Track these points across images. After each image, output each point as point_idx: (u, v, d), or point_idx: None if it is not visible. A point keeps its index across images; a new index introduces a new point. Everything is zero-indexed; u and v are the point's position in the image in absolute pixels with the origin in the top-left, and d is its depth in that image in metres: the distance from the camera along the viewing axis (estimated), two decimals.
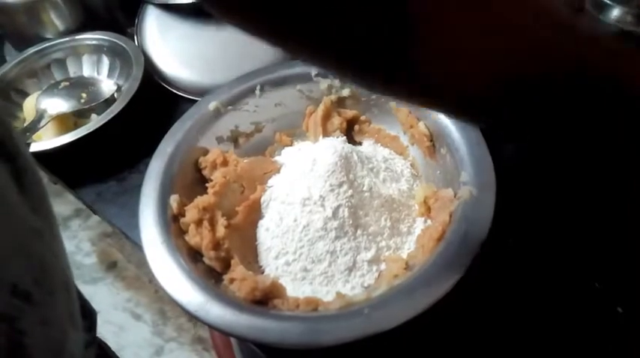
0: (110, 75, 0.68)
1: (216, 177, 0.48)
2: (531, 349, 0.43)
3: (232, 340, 0.90)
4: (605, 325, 0.43)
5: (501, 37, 0.22)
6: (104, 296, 1.30)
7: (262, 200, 0.48)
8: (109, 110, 0.59)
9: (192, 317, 0.39)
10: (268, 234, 0.46)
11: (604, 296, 0.44)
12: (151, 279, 1.33)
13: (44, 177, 1.57)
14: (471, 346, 0.43)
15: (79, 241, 1.43)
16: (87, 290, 1.35)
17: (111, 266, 1.36)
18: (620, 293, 0.44)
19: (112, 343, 1.33)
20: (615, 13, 0.62)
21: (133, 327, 1.24)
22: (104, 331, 1.23)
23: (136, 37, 0.69)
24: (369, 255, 0.44)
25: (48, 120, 0.60)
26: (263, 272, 0.45)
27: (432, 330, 0.42)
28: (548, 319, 0.44)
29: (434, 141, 0.49)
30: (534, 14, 0.23)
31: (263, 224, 0.47)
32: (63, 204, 1.49)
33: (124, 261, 1.37)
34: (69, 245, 1.42)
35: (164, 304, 1.26)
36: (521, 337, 0.43)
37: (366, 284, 0.43)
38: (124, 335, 1.23)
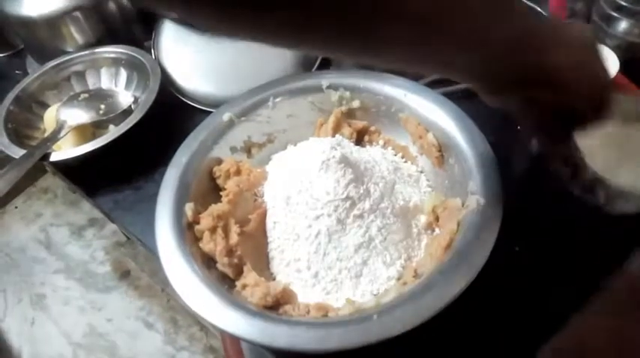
0: (128, 87, 0.70)
1: (230, 186, 0.49)
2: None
3: (244, 349, 0.90)
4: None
5: None
6: (117, 305, 1.31)
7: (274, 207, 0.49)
8: (126, 121, 0.61)
9: (205, 323, 0.40)
10: (280, 241, 0.47)
11: None
12: (164, 288, 1.34)
13: (59, 187, 1.59)
14: (478, 353, 0.43)
15: (94, 250, 1.45)
16: (100, 299, 1.37)
17: (124, 275, 1.38)
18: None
19: (124, 351, 1.34)
20: (622, 25, 0.62)
21: (146, 336, 1.25)
22: (116, 339, 1.24)
23: (152, 51, 0.72)
24: (379, 262, 0.44)
25: (67, 131, 0.62)
26: (274, 279, 0.46)
27: (439, 337, 0.42)
28: (556, 327, 0.44)
29: (442, 152, 0.49)
30: None
31: (275, 232, 0.48)
32: (78, 213, 1.52)
33: (137, 270, 1.38)
34: (83, 254, 1.44)
35: (176, 313, 1.28)
36: (528, 344, 0.43)
37: (375, 291, 0.44)
38: (137, 343, 1.24)
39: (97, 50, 0.71)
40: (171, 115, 0.66)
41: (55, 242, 1.48)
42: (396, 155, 0.54)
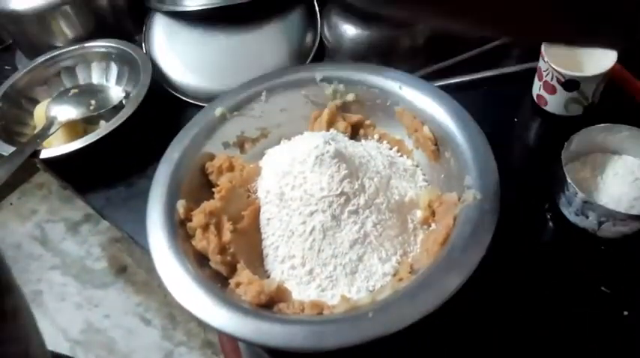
0: (118, 82, 0.69)
1: (223, 182, 0.48)
2: (537, 352, 0.42)
3: (240, 344, 0.90)
4: (611, 328, 0.43)
5: None
6: (114, 301, 1.31)
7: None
8: (117, 116, 0.60)
9: (200, 322, 0.39)
10: (274, 238, 0.46)
11: (610, 299, 0.44)
12: (160, 284, 1.33)
13: (54, 183, 1.57)
14: (475, 349, 0.43)
15: (90, 246, 1.44)
16: (97, 295, 1.36)
17: (121, 270, 1.37)
18: (626, 296, 0.44)
19: (122, 347, 1.33)
20: None
21: (143, 332, 1.25)
22: (114, 335, 1.24)
23: (143, 45, 0.70)
24: (374, 258, 0.44)
25: (58, 127, 0.61)
26: (269, 276, 0.46)
27: (435, 334, 0.42)
28: (554, 322, 0.43)
29: (438, 145, 0.49)
30: None
31: (269, 228, 0.48)
32: (73, 209, 1.51)
33: (134, 266, 1.38)
34: (79, 250, 1.43)
35: (173, 308, 1.27)
36: (527, 340, 0.43)
37: (371, 288, 0.43)
38: (134, 339, 1.24)
39: (87, 45, 0.70)
40: (162, 110, 0.65)
41: (51, 238, 1.47)
42: (391, 149, 0.53)
